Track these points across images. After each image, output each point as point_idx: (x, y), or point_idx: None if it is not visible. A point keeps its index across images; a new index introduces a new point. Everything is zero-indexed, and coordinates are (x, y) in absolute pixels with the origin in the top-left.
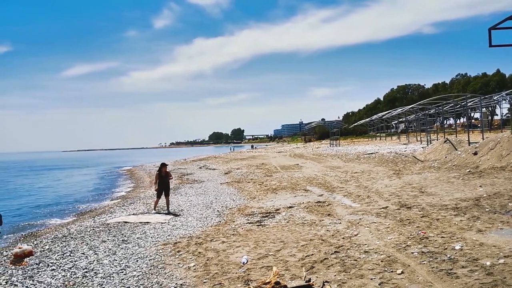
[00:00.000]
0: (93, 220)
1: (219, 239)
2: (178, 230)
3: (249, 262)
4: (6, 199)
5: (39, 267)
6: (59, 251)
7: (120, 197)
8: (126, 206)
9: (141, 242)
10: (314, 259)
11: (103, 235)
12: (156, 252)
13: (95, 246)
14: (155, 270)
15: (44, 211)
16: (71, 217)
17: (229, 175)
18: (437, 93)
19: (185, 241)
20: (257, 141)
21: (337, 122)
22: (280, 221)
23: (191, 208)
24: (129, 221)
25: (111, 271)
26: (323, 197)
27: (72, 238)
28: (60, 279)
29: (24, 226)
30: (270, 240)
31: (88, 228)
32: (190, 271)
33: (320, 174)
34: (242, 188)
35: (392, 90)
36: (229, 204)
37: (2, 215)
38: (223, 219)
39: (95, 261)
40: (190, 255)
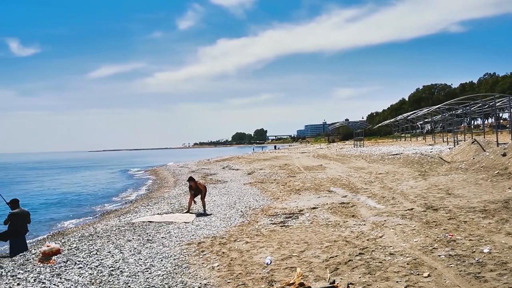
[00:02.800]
0: (119, 219)
1: (243, 240)
2: (202, 230)
3: (273, 262)
4: (34, 198)
5: (66, 265)
6: (86, 250)
7: (144, 196)
8: (151, 205)
9: (165, 241)
10: (338, 261)
11: (128, 234)
12: (180, 252)
13: (121, 245)
14: (180, 269)
15: (70, 210)
16: (97, 216)
17: (252, 175)
18: (464, 93)
19: (209, 241)
20: (280, 142)
21: (361, 122)
22: (303, 222)
23: (214, 208)
24: (153, 221)
25: (137, 270)
26: (347, 198)
27: (99, 237)
28: (87, 277)
29: (51, 225)
30: (293, 241)
31: (114, 227)
32: (214, 271)
33: (344, 175)
34: (265, 188)
35: (418, 90)
36: (253, 204)
37: (30, 213)
38: (246, 220)
39: (120, 259)
40: (214, 255)
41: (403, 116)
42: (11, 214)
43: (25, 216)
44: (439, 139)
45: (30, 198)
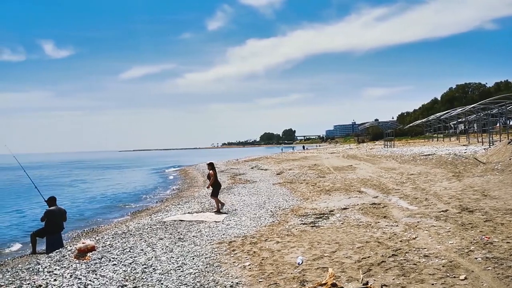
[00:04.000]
0: (150, 218)
1: (274, 239)
2: (232, 229)
3: (304, 262)
4: (69, 196)
5: (101, 261)
6: (119, 247)
7: (174, 196)
8: (181, 205)
9: (196, 240)
10: (371, 262)
11: (160, 233)
12: (212, 251)
13: (153, 243)
14: (211, 268)
15: (104, 208)
16: (129, 215)
17: (281, 175)
18: (499, 92)
19: (239, 240)
20: (308, 142)
21: (392, 122)
22: (334, 222)
23: (244, 207)
24: (184, 220)
25: (169, 268)
26: (378, 199)
27: (131, 235)
28: (121, 273)
29: (86, 222)
30: (325, 241)
31: (146, 226)
32: (246, 270)
33: (375, 176)
34: (295, 188)
35: (451, 90)
36: (282, 204)
37: (66, 211)
38: (276, 219)
39: (153, 257)
40: (245, 254)
41: (436, 116)
42: (47, 211)
43: (61, 213)
44: (473, 140)
45: (66, 196)
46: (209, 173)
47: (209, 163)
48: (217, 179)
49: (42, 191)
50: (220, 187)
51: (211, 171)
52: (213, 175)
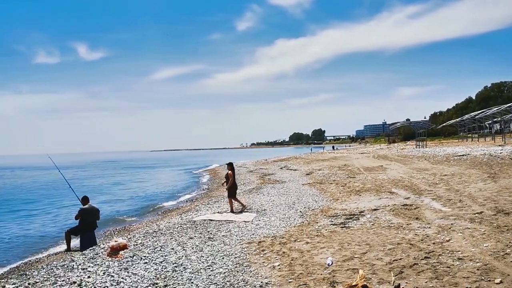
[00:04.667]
0: (180, 217)
1: (303, 240)
2: (261, 229)
3: (334, 263)
4: (101, 195)
5: (133, 260)
6: (150, 246)
7: (204, 195)
8: (211, 204)
9: (226, 240)
10: (402, 264)
11: (190, 232)
12: (241, 250)
13: (183, 242)
14: (241, 268)
15: (135, 207)
16: (160, 214)
17: (310, 176)
18: None
19: (269, 241)
20: (338, 142)
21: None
22: (364, 223)
23: (273, 208)
24: (214, 219)
25: (199, 267)
26: (410, 200)
27: (162, 234)
28: (152, 272)
29: (118, 221)
30: (355, 243)
31: (176, 225)
32: (275, 270)
33: (406, 176)
34: (324, 189)
35: (486, 88)
36: (312, 205)
37: (99, 209)
38: (306, 220)
39: (183, 256)
40: (274, 254)
41: (470, 116)
42: (81, 210)
43: (94, 212)
44: (509, 140)
45: (98, 195)
46: (227, 173)
47: (228, 163)
48: (234, 180)
49: (76, 190)
50: (236, 188)
51: (230, 171)
52: (231, 176)
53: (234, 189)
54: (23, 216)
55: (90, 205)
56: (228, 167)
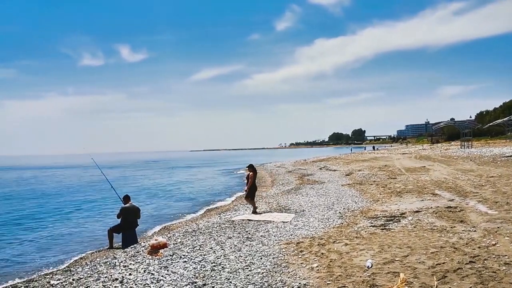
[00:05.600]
0: (219, 216)
1: (342, 241)
2: (300, 230)
3: (374, 266)
4: (142, 194)
5: (172, 258)
6: (189, 245)
7: (243, 195)
8: (249, 204)
9: (264, 240)
10: (446, 268)
11: (228, 232)
12: (279, 251)
13: (222, 242)
14: (279, 268)
15: (175, 207)
16: (199, 213)
17: (350, 176)
18: None
19: (307, 241)
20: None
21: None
22: (406, 225)
23: (312, 208)
24: (252, 219)
25: (237, 267)
26: (454, 202)
27: (201, 233)
28: (191, 271)
29: (158, 220)
30: (396, 245)
31: (215, 224)
32: (313, 272)
33: (450, 178)
34: (364, 190)
35: None
36: (351, 206)
37: (140, 208)
38: (345, 221)
39: (222, 256)
40: (312, 255)
41: None
42: (123, 208)
43: (135, 211)
44: None
45: (139, 195)
46: (248, 174)
47: (249, 165)
48: (254, 182)
49: (118, 189)
50: (256, 189)
51: (251, 173)
52: (252, 177)
53: (253, 190)
54: (68, 214)
55: (131, 204)
56: (249, 169)
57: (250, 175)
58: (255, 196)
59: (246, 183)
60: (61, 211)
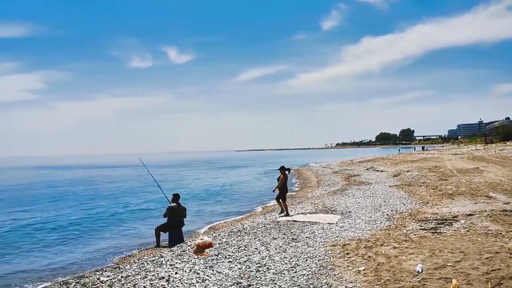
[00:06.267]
0: (264, 217)
1: (390, 244)
2: (346, 232)
3: (425, 271)
4: (187, 194)
5: (217, 258)
6: (234, 245)
7: (288, 196)
8: (295, 205)
9: (310, 241)
10: (501, 275)
11: (273, 233)
12: (325, 253)
13: (267, 243)
14: (324, 270)
15: (220, 206)
16: (245, 213)
17: (398, 177)
18: None
19: (354, 244)
20: (428, 142)
21: None
22: (458, 229)
23: (359, 210)
24: (297, 220)
25: (282, 268)
26: (510, 205)
27: (246, 233)
28: (236, 271)
29: (204, 219)
30: (447, 250)
31: (260, 225)
32: (360, 275)
33: (506, 180)
34: (413, 191)
35: None
36: (399, 208)
37: (187, 208)
38: (393, 223)
39: (267, 256)
40: (359, 258)
41: None
42: (169, 208)
43: (181, 210)
44: None
45: (185, 194)
46: (280, 176)
47: (280, 167)
48: (285, 183)
49: (164, 188)
50: (287, 191)
51: (282, 175)
52: (283, 179)
53: (284, 192)
54: (116, 212)
55: (178, 203)
56: (280, 170)
57: (281, 177)
58: (285, 198)
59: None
60: (110, 209)
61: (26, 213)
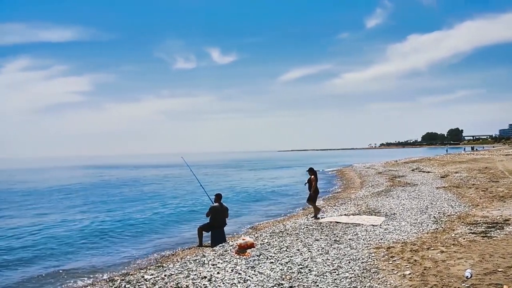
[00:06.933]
0: (306, 218)
1: (437, 248)
2: (391, 234)
3: (474, 277)
4: (230, 194)
5: (259, 259)
6: (276, 246)
7: (331, 197)
8: (337, 206)
9: (352, 243)
10: None
11: (316, 234)
12: (369, 256)
13: (309, 244)
14: (368, 274)
15: (262, 207)
16: (286, 214)
17: (446, 179)
18: None
19: (399, 247)
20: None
21: None
22: (510, 233)
23: (404, 212)
24: (340, 221)
25: (324, 270)
26: None
27: (288, 234)
28: (278, 272)
29: (245, 220)
30: (498, 254)
31: (302, 226)
32: (406, 279)
33: None
34: (462, 193)
35: None
36: (447, 210)
37: (229, 207)
38: (440, 227)
39: (309, 258)
40: (404, 262)
41: None
42: (212, 207)
43: (224, 210)
44: None
45: (227, 194)
46: (310, 177)
47: (309, 168)
48: (316, 185)
49: (207, 188)
50: (318, 193)
51: (312, 176)
52: (314, 181)
53: (315, 194)
54: (160, 211)
55: (220, 203)
56: (310, 172)
57: (312, 179)
58: (316, 200)
59: (308, 187)
60: (154, 208)
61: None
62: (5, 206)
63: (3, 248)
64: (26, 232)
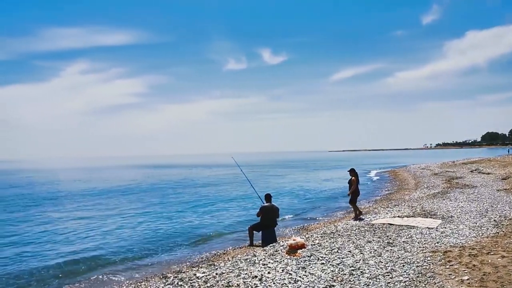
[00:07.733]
0: (358, 219)
1: (498, 253)
2: (447, 237)
3: None
4: (281, 194)
5: (310, 259)
6: (327, 247)
7: (384, 198)
8: (391, 207)
9: (407, 246)
10: None
11: (368, 235)
12: (424, 259)
13: (361, 246)
14: (423, 278)
15: (313, 208)
16: (338, 215)
17: (507, 180)
18: None
19: (456, 251)
20: None
21: None
22: None
23: (462, 215)
24: (394, 223)
25: (377, 273)
26: None
27: (339, 235)
28: (329, 273)
29: (296, 220)
30: None
31: (354, 227)
32: (464, 285)
33: None
34: None
35: None
36: (509, 214)
37: (280, 208)
38: (501, 231)
39: (361, 260)
40: (463, 266)
41: None
42: (262, 207)
43: (274, 210)
44: None
45: (278, 194)
46: (351, 179)
47: (350, 169)
48: (357, 186)
49: (257, 188)
50: (358, 194)
51: (353, 177)
52: (354, 182)
53: (356, 195)
54: (210, 211)
55: (271, 203)
56: (351, 173)
57: (352, 180)
58: (356, 201)
59: (349, 188)
60: (205, 207)
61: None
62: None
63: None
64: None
